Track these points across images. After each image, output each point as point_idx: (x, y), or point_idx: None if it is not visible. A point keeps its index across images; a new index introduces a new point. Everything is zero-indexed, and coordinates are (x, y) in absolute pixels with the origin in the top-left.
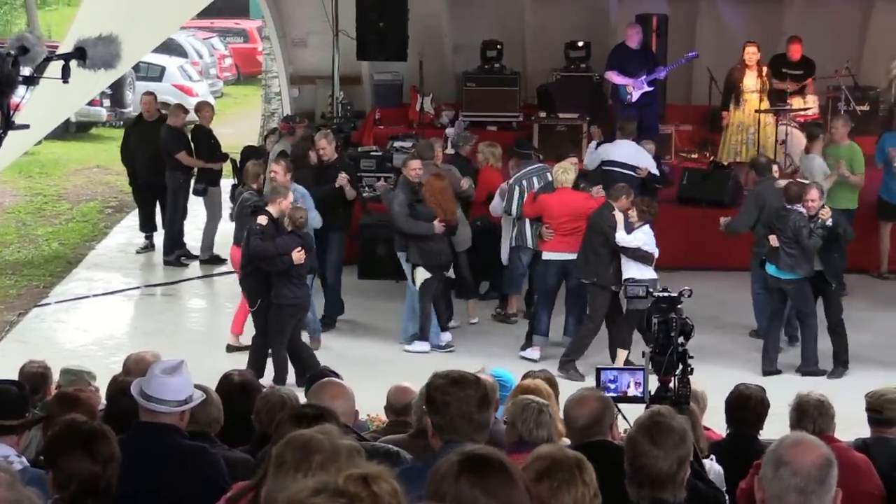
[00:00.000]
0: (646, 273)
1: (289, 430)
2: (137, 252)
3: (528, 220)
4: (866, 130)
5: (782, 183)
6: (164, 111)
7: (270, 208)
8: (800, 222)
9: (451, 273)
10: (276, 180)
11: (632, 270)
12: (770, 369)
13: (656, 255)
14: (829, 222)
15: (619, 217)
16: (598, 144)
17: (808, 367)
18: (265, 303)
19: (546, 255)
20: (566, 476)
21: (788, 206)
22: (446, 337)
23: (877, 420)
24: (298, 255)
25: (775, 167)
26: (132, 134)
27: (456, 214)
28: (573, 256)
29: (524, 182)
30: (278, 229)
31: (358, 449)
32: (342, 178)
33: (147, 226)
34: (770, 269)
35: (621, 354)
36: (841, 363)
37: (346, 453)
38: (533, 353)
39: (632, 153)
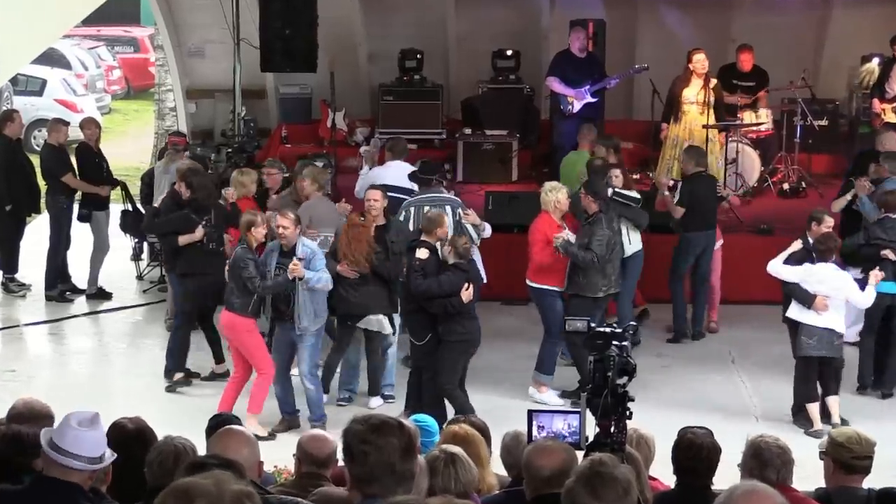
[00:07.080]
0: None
1: None
2: (10, 291)
3: None
4: (824, 148)
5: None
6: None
7: (427, 238)
8: None
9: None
10: (286, 238)
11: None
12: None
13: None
14: None
15: None
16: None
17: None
18: (434, 338)
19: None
20: None
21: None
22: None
23: (846, 466)
24: (467, 294)
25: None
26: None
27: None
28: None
29: (412, 209)
30: (439, 262)
31: (249, 494)
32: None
33: (12, 264)
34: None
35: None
36: None
37: (231, 499)
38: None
39: (402, 175)
